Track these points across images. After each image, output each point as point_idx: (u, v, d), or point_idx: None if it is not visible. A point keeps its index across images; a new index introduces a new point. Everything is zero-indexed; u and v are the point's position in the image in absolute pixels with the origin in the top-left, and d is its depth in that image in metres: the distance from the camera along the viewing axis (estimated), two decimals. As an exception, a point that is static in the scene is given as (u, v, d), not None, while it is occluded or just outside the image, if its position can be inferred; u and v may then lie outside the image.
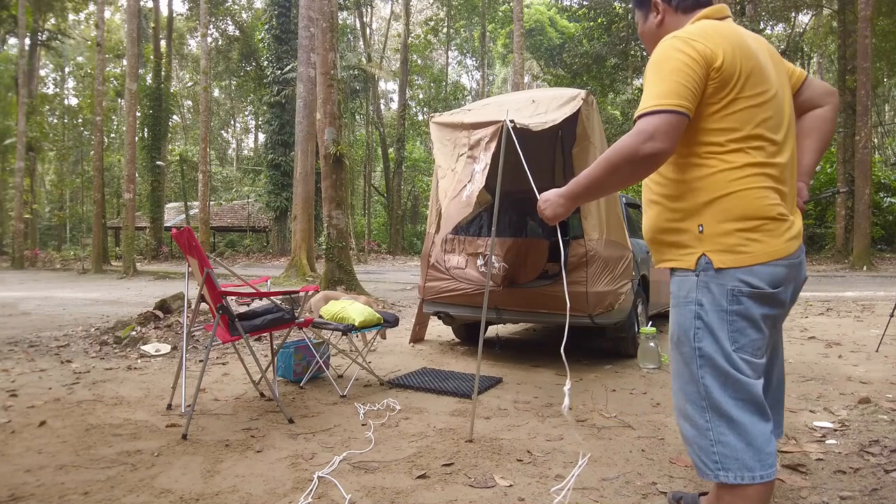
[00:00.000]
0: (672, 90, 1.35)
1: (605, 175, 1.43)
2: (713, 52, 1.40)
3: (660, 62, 1.42)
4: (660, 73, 1.40)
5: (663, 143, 1.34)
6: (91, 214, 24.76)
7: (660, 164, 1.41)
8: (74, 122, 35.51)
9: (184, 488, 2.19)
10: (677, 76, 1.37)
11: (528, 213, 5.69)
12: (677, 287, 1.51)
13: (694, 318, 1.45)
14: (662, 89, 1.37)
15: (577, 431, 2.44)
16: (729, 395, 1.40)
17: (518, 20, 16.40)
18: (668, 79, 1.37)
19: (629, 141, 1.37)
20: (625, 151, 1.37)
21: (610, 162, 1.41)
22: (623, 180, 1.45)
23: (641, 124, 1.36)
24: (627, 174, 1.41)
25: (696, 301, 1.44)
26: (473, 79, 41.69)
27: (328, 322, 3.81)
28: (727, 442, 1.40)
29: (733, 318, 1.41)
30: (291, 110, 20.90)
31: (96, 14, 20.77)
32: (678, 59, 1.39)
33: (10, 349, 5.03)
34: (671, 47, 1.42)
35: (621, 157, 1.38)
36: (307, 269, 13.57)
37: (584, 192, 1.52)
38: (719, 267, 1.41)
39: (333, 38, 10.05)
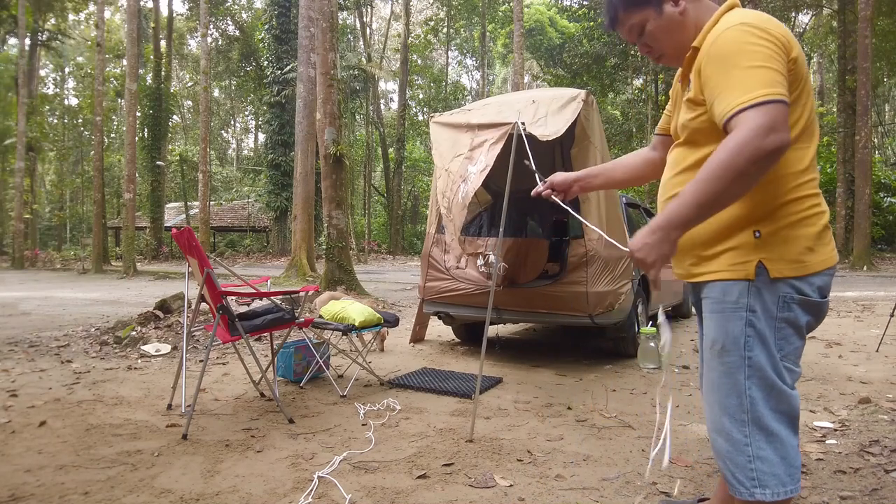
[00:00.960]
0: (772, 79, 1.21)
1: (725, 185, 1.20)
2: (789, 40, 1.29)
3: (743, 51, 1.25)
4: (750, 60, 1.23)
5: (786, 135, 1.18)
6: (91, 214, 24.76)
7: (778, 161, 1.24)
8: (74, 122, 35.51)
9: (184, 488, 2.19)
10: (772, 63, 1.23)
11: (528, 213, 5.69)
12: (722, 293, 1.37)
13: (745, 325, 1.34)
14: (763, 78, 1.21)
15: (666, 373, 2.41)
16: (772, 406, 1.34)
17: (518, 20, 16.41)
18: (763, 66, 1.22)
19: (746, 138, 1.17)
20: (747, 152, 1.17)
21: (729, 168, 1.18)
22: (745, 187, 1.23)
23: (755, 117, 1.18)
24: (752, 178, 1.21)
25: (747, 307, 1.33)
26: (473, 79, 41.73)
27: (328, 322, 3.82)
28: (765, 457, 1.33)
29: (781, 325, 1.34)
30: (291, 110, 20.90)
31: (96, 14, 20.77)
32: (765, 46, 1.24)
33: (10, 349, 5.03)
34: (750, 34, 1.26)
35: (745, 158, 1.17)
36: (307, 269, 13.57)
37: (696, 213, 1.26)
38: (776, 277, 1.31)
39: (333, 38, 10.05)
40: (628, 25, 1.49)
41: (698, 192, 1.24)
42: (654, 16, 1.45)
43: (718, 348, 1.38)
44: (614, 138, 22.45)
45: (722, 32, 1.29)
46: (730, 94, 1.23)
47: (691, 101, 1.40)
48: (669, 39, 1.47)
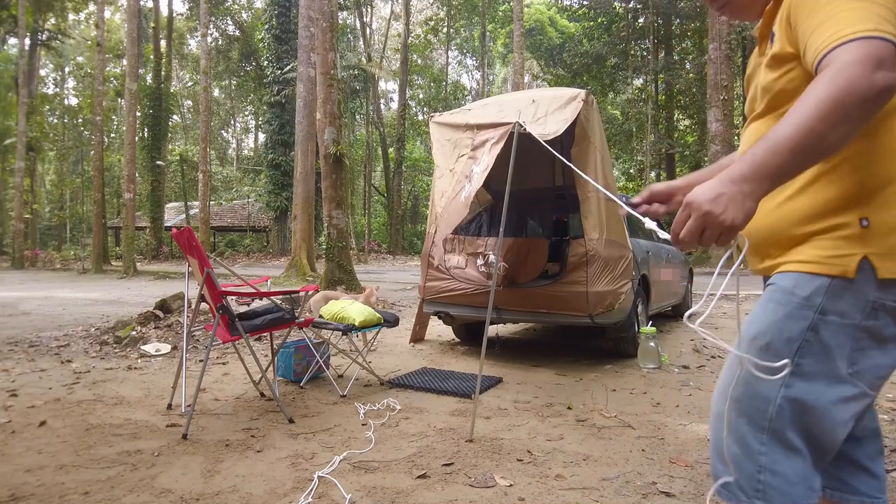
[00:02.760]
0: (880, 14, 0.96)
1: (827, 126, 0.92)
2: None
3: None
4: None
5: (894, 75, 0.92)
6: (91, 214, 24.77)
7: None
8: (74, 122, 35.53)
9: (184, 488, 2.19)
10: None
11: (527, 213, 5.69)
12: (794, 284, 1.11)
13: (808, 327, 1.09)
14: (868, 12, 0.96)
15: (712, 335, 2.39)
16: (803, 425, 1.10)
17: (518, 20, 16.41)
18: (869, 1, 0.98)
19: (849, 68, 0.92)
20: (852, 84, 0.90)
21: (832, 102, 0.91)
22: (846, 134, 0.95)
23: (857, 48, 0.93)
24: (855, 123, 0.93)
25: (818, 308, 1.08)
26: (473, 79, 41.74)
27: (328, 322, 3.82)
28: (780, 472, 1.12)
29: (862, 335, 1.08)
30: (291, 110, 20.91)
31: (96, 14, 20.76)
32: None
33: (10, 349, 5.03)
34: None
35: (849, 92, 0.90)
36: (307, 268, 13.58)
37: (791, 160, 0.95)
38: (884, 277, 1.05)
39: (333, 38, 10.05)
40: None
41: (795, 133, 0.93)
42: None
43: (762, 343, 1.12)
44: (614, 138, 22.45)
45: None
46: (825, 31, 0.98)
47: (777, 57, 1.12)
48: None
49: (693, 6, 20.36)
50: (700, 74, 19.70)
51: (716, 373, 4.22)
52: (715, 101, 13.72)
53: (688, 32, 22.39)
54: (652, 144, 21.19)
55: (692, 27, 21.69)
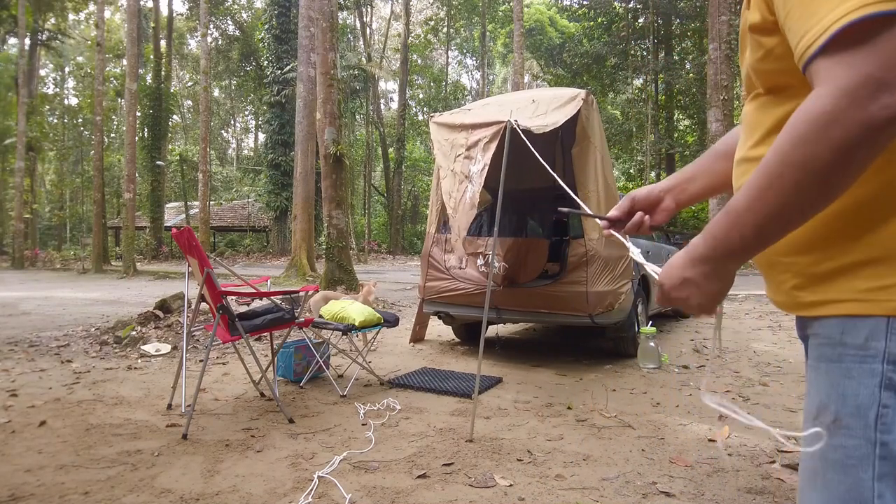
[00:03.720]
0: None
1: (800, 192, 0.70)
2: None
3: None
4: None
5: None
6: (91, 214, 24.76)
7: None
8: (74, 122, 35.54)
9: (184, 488, 2.19)
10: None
11: (527, 213, 5.69)
12: (841, 331, 0.81)
13: (880, 386, 0.78)
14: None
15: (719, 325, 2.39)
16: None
17: (518, 20, 16.41)
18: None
19: (833, 106, 0.65)
20: (836, 133, 0.65)
21: (805, 164, 0.68)
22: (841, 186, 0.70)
23: (851, 61, 0.64)
24: (850, 171, 0.68)
25: (885, 356, 0.78)
26: (473, 79, 41.74)
27: (328, 322, 3.82)
28: None
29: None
30: (291, 110, 20.91)
31: (96, 14, 20.77)
32: None
33: (10, 349, 5.03)
34: None
35: (831, 145, 0.65)
36: (307, 268, 13.58)
37: (757, 236, 0.75)
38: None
39: (333, 38, 10.05)
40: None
41: (758, 204, 0.73)
42: None
43: (829, 420, 0.81)
44: (614, 138, 22.45)
45: None
46: (809, 7, 0.68)
47: (757, 28, 0.84)
48: None
49: (693, 6, 20.36)
50: (700, 74, 19.69)
51: (716, 373, 4.22)
52: (715, 101, 13.72)
53: (688, 32, 22.39)
54: (652, 144, 21.19)
55: (692, 27, 21.68)
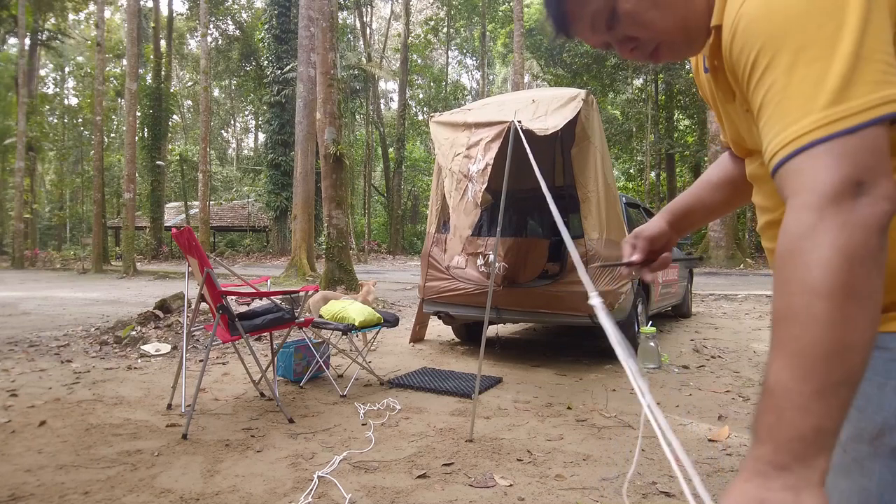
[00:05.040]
0: (865, 65, 0.59)
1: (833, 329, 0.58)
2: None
3: (806, 15, 0.62)
4: (819, 34, 0.61)
5: (888, 192, 0.59)
6: (91, 214, 24.76)
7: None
8: (74, 122, 35.52)
9: (184, 488, 2.19)
10: (865, 24, 0.60)
11: (528, 213, 5.69)
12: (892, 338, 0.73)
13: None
14: (845, 69, 0.59)
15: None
16: None
17: (518, 20, 16.40)
18: (847, 39, 0.60)
19: (805, 233, 0.59)
20: (819, 261, 0.58)
21: (810, 302, 0.58)
22: (869, 292, 0.58)
23: (819, 176, 0.59)
24: (864, 280, 0.58)
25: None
26: (473, 79, 41.73)
27: (328, 322, 3.82)
28: None
29: None
30: (291, 110, 20.91)
31: (96, 14, 20.77)
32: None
33: (10, 349, 5.03)
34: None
35: (821, 273, 0.58)
36: (307, 268, 13.58)
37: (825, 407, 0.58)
38: None
39: (333, 38, 10.06)
40: (589, 16, 0.83)
41: (800, 374, 0.58)
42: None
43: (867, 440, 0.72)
44: (614, 138, 22.46)
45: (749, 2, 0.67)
46: (778, 116, 0.63)
47: (741, 103, 0.80)
48: (661, 17, 0.82)
49: (693, 6, 20.33)
50: (700, 74, 19.67)
51: (716, 373, 4.22)
52: (715, 101, 13.72)
53: (688, 32, 22.38)
54: (652, 144, 21.20)
55: (692, 27, 21.68)
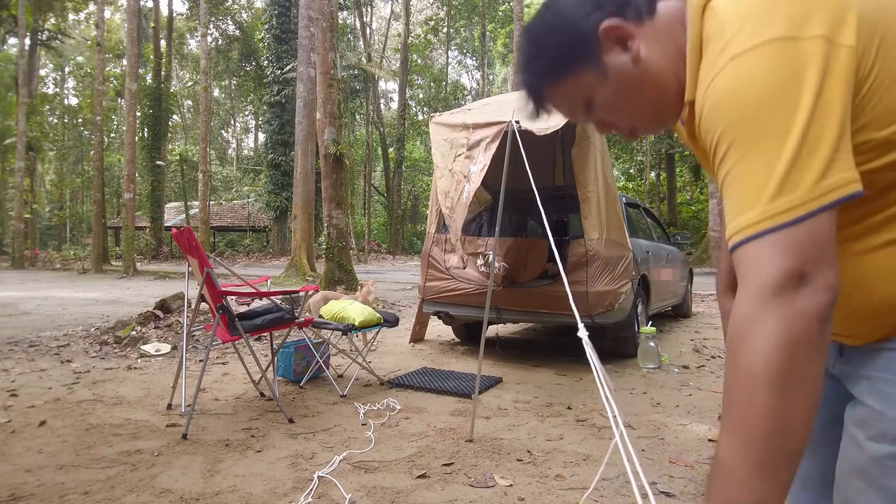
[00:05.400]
0: (815, 154, 0.62)
1: (772, 418, 0.61)
2: (843, 17, 0.66)
3: (762, 106, 0.64)
4: (773, 122, 0.63)
5: (828, 282, 0.62)
6: (91, 214, 24.75)
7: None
8: (74, 122, 35.52)
9: (184, 488, 2.19)
10: (819, 112, 0.63)
11: (528, 213, 5.69)
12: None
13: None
14: (793, 157, 0.62)
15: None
16: None
17: (518, 20, 16.40)
18: (801, 129, 0.62)
19: (750, 319, 0.63)
20: (762, 348, 0.61)
21: (755, 387, 0.62)
22: (808, 382, 0.62)
23: (766, 264, 0.62)
24: (801, 369, 0.61)
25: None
26: (473, 79, 41.72)
27: (328, 322, 3.82)
28: None
29: None
30: (291, 110, 20.91)
31: (96, 14, 20.77)
32: (804, 73, 0.63)
33: (10, 349, 5.03)
34: (772, 60, 0.64)
35: (764, 360, 0.61)
36: (307, 268, 13.58)
37: (765, 485, 0.62)
38: None
39: (333, 38, 10.06)
40: (567, 105, 0.89)
41: (742, 453, 0.63)
42: (596, 79, 0.84)
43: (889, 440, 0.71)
44: (614, 138, 22.44)
45: (719, 72, 0.68)
46: (731, 203, 0.67)
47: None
48: (635, 105, 0.85)
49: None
50: (700, 74, 19.69)
51: (716, 373, 4.23)
52: (715, 101, 13.74)
53: (688, 32, 22.39)
54: (652, 144, 21.19)
55: (692, 27, 21.68)
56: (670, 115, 0.87)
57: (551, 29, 0.84)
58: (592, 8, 0.81)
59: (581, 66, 0.83)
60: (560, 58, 0.83)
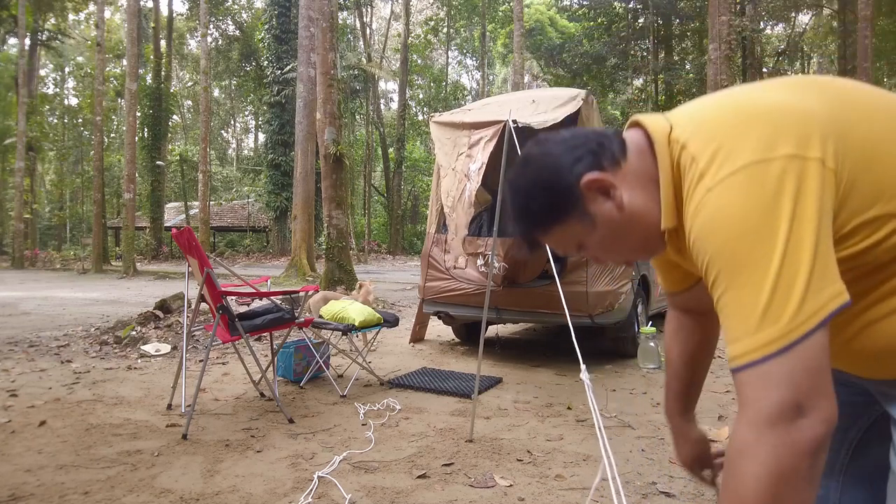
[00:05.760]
0: (795, 288, 0.64)
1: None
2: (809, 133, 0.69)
3: (743, 237, 0.67)
4: (760, 251, 0.66)
5: (825, 411, 0.64)
6: (91, 214, 24.74)
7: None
8: (74, 122, 35.49)
9: (184, 488, 2.19)
10: (801, 232, 0.65)
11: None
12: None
13: None
14: (785, 284, 0.64)
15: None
16: None
17: (518, 20, 16.40)
18: (787, 254, 0.65)
19: (751, 451, 0.65)
20: (762, 477, 0.64)
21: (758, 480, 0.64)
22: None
23: (766, 393, 0.64)
24: (789, 500, 0.64)
25: None
26: (473, 79, 41.71)
27: (328, 322, 3.82)
28: None
29: None
30: (291, 110, 20.90)
31: (96, 14, 20.76)
32: (784, 197, 0.66)
33: (10, 349, 5.03)
34: (749, 192, 0.67)
35: (763, 488, 0.64)
36: (307, 269, 13.57)
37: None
38: None
39: (333, 38, 10.05)
40: (560, 247, 0.93)
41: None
42: (584, 227, 0.87)
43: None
44: (614, 138, 22.46)
45: (699, 204, 0.72)
46: (726, 328, 0.70)
47: None
48: (624, 245, 0.90)
49: (693, 6, 20.36)
50: (700, 74, 19.69)
51: (716, 373, 4.22)
52: (715, 102, 13.76)
53: (688, 32, 22.40)
54: (652, 144, 21.18)
55: (692, 27, 21.69)
56: (660, 245, 0.91)
57: (535, 185, 0.87)
58: (572, 162, 0.84)
59: (567, 218, 0.87)
60: (547, 212, 0.87)
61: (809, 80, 0.80)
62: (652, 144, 0.84)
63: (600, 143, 0.85)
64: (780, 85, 0.79)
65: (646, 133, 0.85)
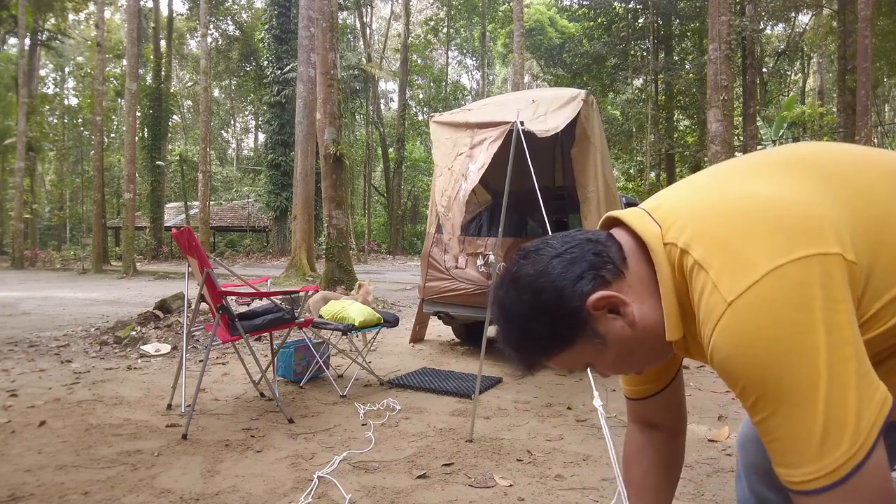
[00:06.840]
0: (857, 388, 0.63)
1: None
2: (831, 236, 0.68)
3: (783, 362, 0.64)
4: (807, 371, 0.63)
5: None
6: (91, 214, 24.73)
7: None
8: (74, 122, 35.48)
9: (184, 488, 2.19)
10: (841, 345, 0.63)
11: (527, 213, 5.69)
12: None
13: None
14: (843, 400, 0.63)
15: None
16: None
17: (518, 20, 16.40)
18: (836, 367, 0.63)
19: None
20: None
21: None
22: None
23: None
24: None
25: None
26: (473, 79, 41.70)
27: (328, 322, 3.82)
28: None
29: None
30: (291, 110, 20.91)
31: (96, 14, 20.76)
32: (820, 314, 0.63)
33: (10, 349, 5.03)
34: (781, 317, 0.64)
35: None
36: (307, 269, 13.57)
37: None
38: None
39: (333, 38, 10.05)
40: (566, 366, 0.87)
41: None
42: (594, 349, 0.82)
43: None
44: (614, 138, 22.44)
45: (720, 318, 0.68)
46: (780, 453, 0.67)
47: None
48: (637, 358, 0.86)
49: (693, 6, 20.35)
50: (700, 74, 19.70)
51: (715, 373, 4.22)
52: (715, 102, 13.73)
53: (688, 32, 22.38)
54: (652, 144, 21.18)
55: (692, 27, 21.68)
56: (670, 351, 0.86)
57: (534, 311, 0.79)
58: (573, 280, 0.77)
59: (575, 343, 0.80)
60: (551, 339, 0.79)
61: (795, 160, 0.77)
62: (642, 246, 0.79)
63: (598, 253, 0.78)
64: (768, 170, 0.76)
65: (632, 234, 0.80)
